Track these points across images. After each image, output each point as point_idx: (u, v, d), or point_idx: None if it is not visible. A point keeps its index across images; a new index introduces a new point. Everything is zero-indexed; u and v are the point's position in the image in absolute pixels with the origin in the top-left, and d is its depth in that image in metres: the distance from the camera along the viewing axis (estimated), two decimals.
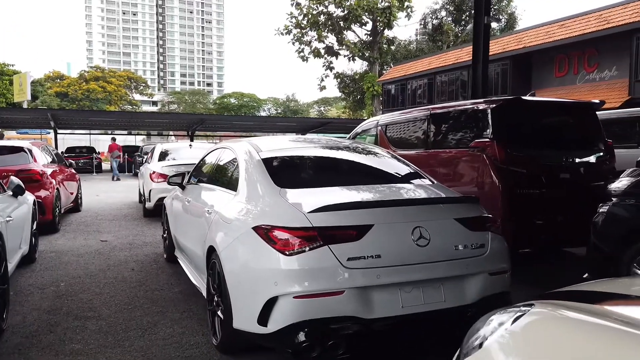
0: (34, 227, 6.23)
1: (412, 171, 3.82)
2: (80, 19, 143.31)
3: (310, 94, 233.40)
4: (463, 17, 42.52)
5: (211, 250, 3.50)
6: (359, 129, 8.46)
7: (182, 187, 5.27)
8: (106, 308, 4.31)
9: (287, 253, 2.69)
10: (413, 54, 42.32)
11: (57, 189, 8.31)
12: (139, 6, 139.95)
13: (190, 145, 10.29)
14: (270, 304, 2.69)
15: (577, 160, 5.46)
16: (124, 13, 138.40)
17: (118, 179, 20.85)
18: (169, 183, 5.37)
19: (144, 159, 12.36)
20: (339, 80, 45.49)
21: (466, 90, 27.88)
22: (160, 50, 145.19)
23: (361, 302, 2.65)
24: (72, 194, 9.76)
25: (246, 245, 2.95)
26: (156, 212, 9.27)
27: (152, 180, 9.04)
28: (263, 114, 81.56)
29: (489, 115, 5.28)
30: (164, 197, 8.95)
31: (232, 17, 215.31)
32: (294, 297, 2.62)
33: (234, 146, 4.19)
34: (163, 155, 9.92)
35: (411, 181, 3.63)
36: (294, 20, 38.64)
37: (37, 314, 4.17)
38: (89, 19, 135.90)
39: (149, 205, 9.16)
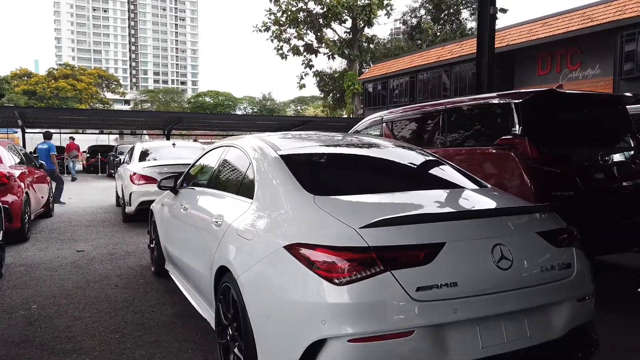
0: (0, 237, 5.46)
1: (463, 173, 3.24)
2: (48, 15, 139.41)
3: (286, 93, 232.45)
4: (442, 16, 42.43)
5: (222, 271, 2.86)
6: (359, 126, 7.86)
7: (175, 192, 4.58)
8: (89, 338, 3.60)
9: (337, 281, 2.07)
10: (392, 52, 41.99)
11: (27, 192, 7.48)
12: (110, 2, 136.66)
13: (174, 144, 9.54)
14: (315, 349, 2.07)
15: (613, 158, 4.98)
16: (94, 9, 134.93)
17: (74, 179, 20.41)
18: (159, 187, 4.67)
19: (121, 159, 11.50)
20: (318, 78, 44.94)
21: (448, 89, 27.65)
22: (133, 47, 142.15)
23: (434, 344, 2.05)
24: (42, 197, 8.91)
25: (277, 269, 2.32)
26: (138, 217, 8.52)
27: (132, 182, 8.28)
28: (239, 113, 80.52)
29: (518, 109, 4.74)
30: (147, 201, 8.25)
31: (206, 15, 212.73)
32: (349, 341, 2.01)
33: (241, 143, 3.55)
34: (144, 155, 9.14)
35: (469, 185, 3.04)
36: (272, 17, 37.93)
37: (3, 348, 3.44)
38: (58, 15, 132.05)
39: (129, 209, 8.39)
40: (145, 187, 8.24)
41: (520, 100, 4.76)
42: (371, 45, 42.03)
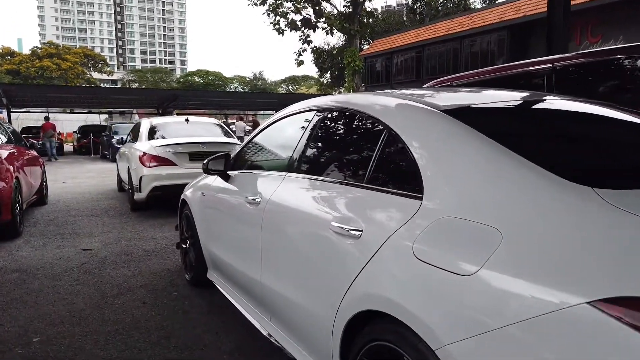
0: None
1: None
2: None
3: (278, 73, 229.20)
4: None
5: (366, 318, 1.66)
6: None
7: (226, 177, 3.33)
8: None
9: None
10: (394, 27, 40.41)
11: (17, 177, 6.17)
12: None
13: (187, 119, 8.19)
14: None
15: None
16: None
17: (55, 159, 19.79)
18: (206, 171, 3.38)
19: (124, 139, 10.10)
20: (315, 55, 43.27)
21: (459, 63, 26.31)
22: (119, 26, 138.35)
23: None
24: (35, 182, 7.58)
25: (577, 345, 1.10)
26: (150, 205, 7.27)
27: (143, 164, 6.97)
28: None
29: None
30: (160, 187, 6.98)
31: None
32: None
33: (355, 104, 2.28)
34: (152, 133, 7.81)
35: None
36: None
37: None
38: None
39: (139, 196, 7.10)
40: (158, 169, 6.95)
41: None
42: (371, 20, 40.33)
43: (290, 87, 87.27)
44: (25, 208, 6.91)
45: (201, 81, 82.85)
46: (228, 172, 3.32)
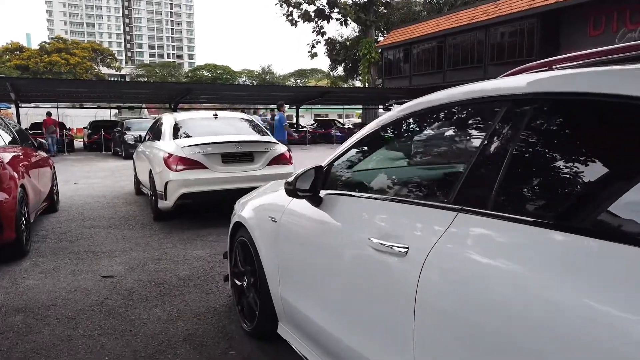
0: None
1: None
2: None
3: (286, 66, 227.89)
4: None
5: None
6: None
7: (317, 200, 2.29)
8: None
9: None
10: (411, 17, 39.10)
11: (22, 185, 5.19)
12: None
13: (216, 115, 7.17)
14: None
15: None
16: None
17: (53, 155, 19.32)
18: (293, 193, 2.33)
19: (140, 137, 9.06)
20: (328, 47, 42.08)
21: (484, 53, 25.03)
22: (127, 20, 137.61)
23: None
24: (45, 188, 6.61)
25: None
26: (175, 214, 6.30)
27: (169, 167, 5.97)
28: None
29: None
30: (189, 194, 5.98)
31: None
32: None
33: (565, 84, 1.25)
34: (177, 130, 6.78)
35: None
36: None
37: None
38: None
39: (164, 205, 6.11)
40: (186, 173, 5.95)
41: None
42: (385, 11, 39.05)
43: (298, 81, 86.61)
44: (34, 219, 5.94)
45: (209, 75, 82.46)
46: (320, 194, 2.29)
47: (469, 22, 26.13)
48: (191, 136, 6.61)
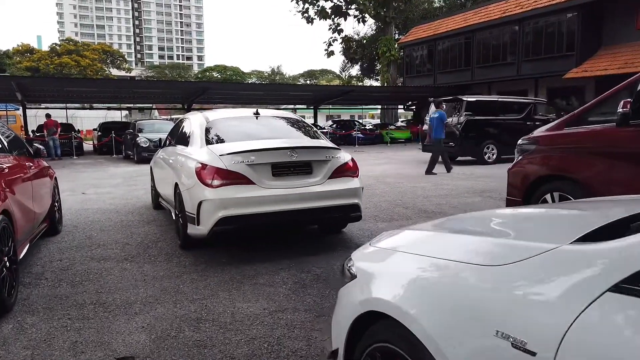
0: None
1: None
2: None
3: (295, 67, 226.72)
4: None
5: None
6: None
7: None
8: None
9: None
10: (432, 13, 37.49)
11: (5, 211, 3.74)
12: None
13: (257, 113, 5.68)
14: None
15: None
16: None
17: (54, 158, 18.80)
18: None
19: (161, 140, 7.56)
20: (344, 45, 40.53)
21: (517, 48, 23.38)
22: (136, 22, 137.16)
23: None
24: (41, 209, 5.17)
25: None
26: (207, 241, 4.82)
27: (203, 181, 4.50)
28: None
29: None
30: (230, 218, 4.48)
31: None
32: None
33: None
34: (208, 133, 5.29)
35: None
36: None
37: None
38: None
39: (196, 230, 4.62)
40: (227, 190, 4.46)
41: None
42: (402, 7, 37.44)
43: (308, 82, 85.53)
44: (29, 247, 4.51)
45: (219, 76, 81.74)
46: None
47: (501, 15, 24.49)
48: (229, 141, 5.07)
